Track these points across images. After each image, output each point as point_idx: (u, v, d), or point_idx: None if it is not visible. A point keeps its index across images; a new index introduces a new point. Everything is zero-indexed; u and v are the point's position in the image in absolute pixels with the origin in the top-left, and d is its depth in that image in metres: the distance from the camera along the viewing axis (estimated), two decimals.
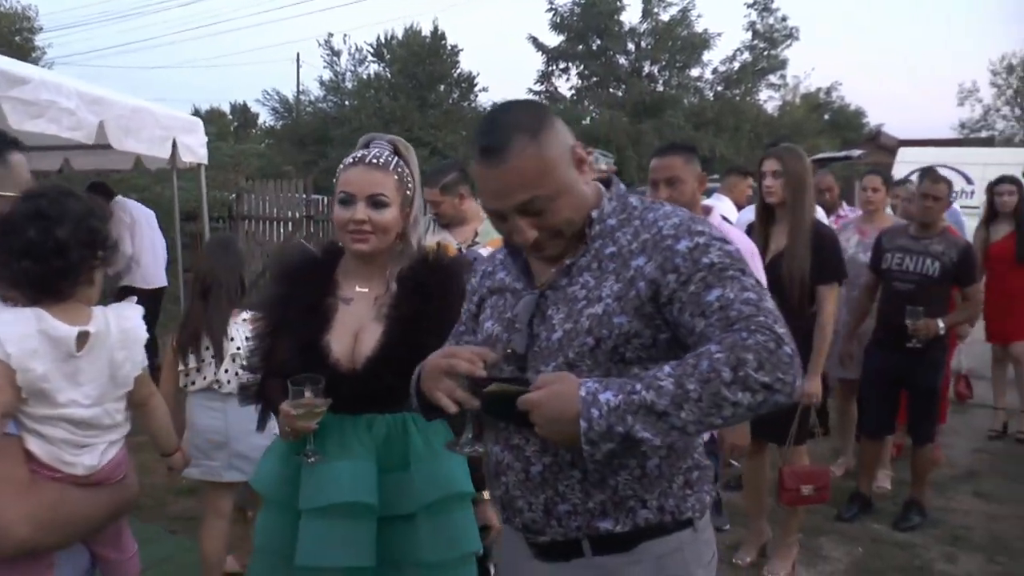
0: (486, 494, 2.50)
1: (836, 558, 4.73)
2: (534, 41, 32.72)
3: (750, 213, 5.61)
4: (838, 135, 33.05)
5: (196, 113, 36.91)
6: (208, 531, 3.89)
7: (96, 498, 1.82)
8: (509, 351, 1.87)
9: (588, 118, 30.72)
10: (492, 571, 2.94)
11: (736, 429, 3.51)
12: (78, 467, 1.77)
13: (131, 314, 1.93)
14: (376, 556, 2.33)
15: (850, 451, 6.05)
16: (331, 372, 2.32)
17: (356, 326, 2.41)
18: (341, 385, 2.31)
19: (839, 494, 5.23)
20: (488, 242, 4.03)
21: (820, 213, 5.49)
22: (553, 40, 32.59)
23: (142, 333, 1.92)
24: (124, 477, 1.93)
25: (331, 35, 48.34)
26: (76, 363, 1.76)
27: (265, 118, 39.26)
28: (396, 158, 2.46)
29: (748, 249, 3.63)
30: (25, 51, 20.92)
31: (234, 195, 14.38)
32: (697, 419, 1.53)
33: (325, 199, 16.62)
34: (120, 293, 8.33)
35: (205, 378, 3.74)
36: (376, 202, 2.37)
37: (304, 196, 13.48)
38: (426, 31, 35.91)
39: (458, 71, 36.66)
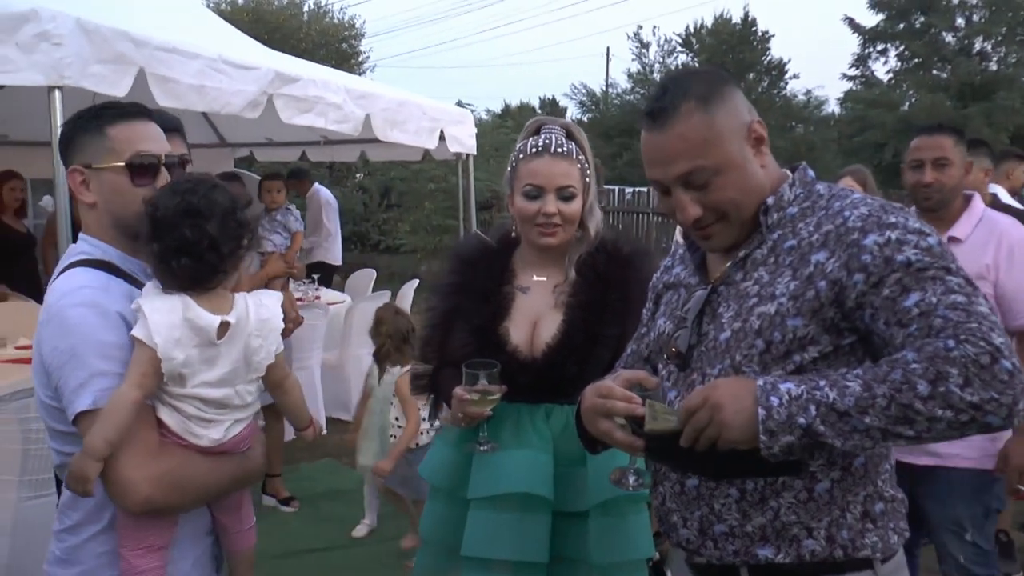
0: None
1: None
2: (850, 22, 30.94)
3: None
4: None
5: (506, 109, 38.61)
6: None
7: (218, 466, 1.92)
8: (674, 350, 1.76)
9: (906, 103, 28.57)
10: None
11: (1021, 447, 2.95)
12: (204, 439, 1.87)
13: (270, 303, 1.98)
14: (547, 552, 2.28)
15: None
16: (510, 360, 2.31)
17: (535, 315, 2.39)
18: (520, 374, 2.30)
19: None
20: None
21: None
22: (871, 20, 30.69)
23: (279, 323, 1.97)
24: (248, 449, 2.01)
25: (640, 27, 48.80)
26: (215, 350, 1.85)
27: (573, 112, 40.12)
28: (573, 144, 2.41)
29: (1019, 240, 3.08)
30: (350, 56, 22.87)
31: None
32: (883, 427, 1.38)
33: (617, 189, 16.80)
34: (313, 267, 9.30)
35: None
36: (565, 194, 2.33)
37: (597, 187, 13.54)
38: (736, 18, 35.21)
39: (768, 58, 35.60)
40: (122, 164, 1.91)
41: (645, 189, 14.60)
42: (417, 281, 8.52)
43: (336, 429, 6.44)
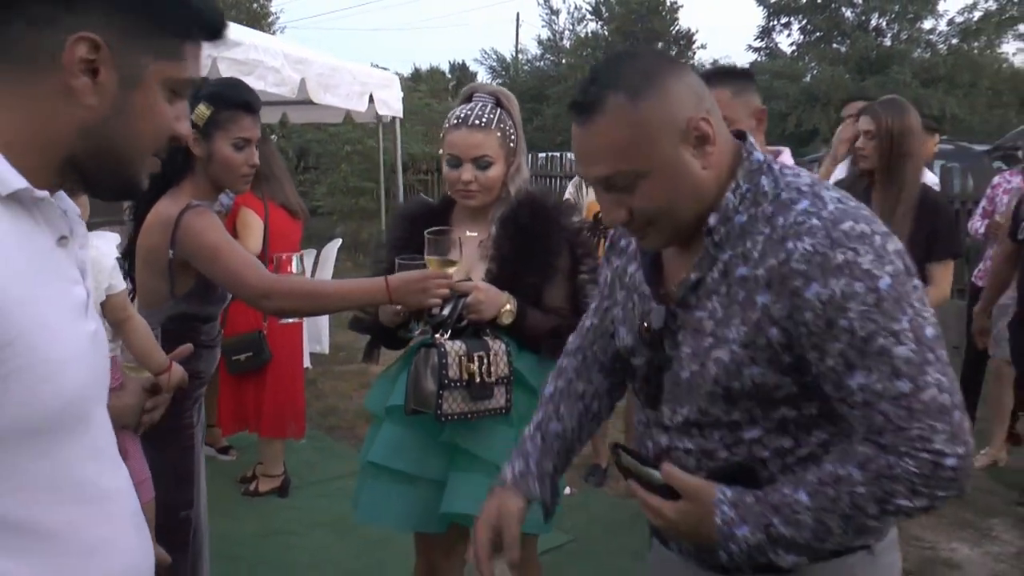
0: None
1: (1007, 540, 4.48)
2: None
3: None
4: None
5: (416, 72, 38.31)
6: None
7: None
8: (646, 325, 1.63)
9: (808, 75, 29.54)
10: None
11: None
12: None
13: (100, 244, 1.94)
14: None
15: (999, 441, 5.43)
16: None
17: (467, 267, 2.59)
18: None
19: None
20: None
21: (930, 178, 4.76)
22: None
23: (108, 261, 1.96)
24: (117, 388, 1.83)
25: None
26: None
27: (483, 77, 40.13)
28: (499, 112, 2.58)
29: None
30: (261, 16, 22.55)
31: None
32: (846, 543, 1.45)
33: (528, 155, 17.09)
34: None
35: None
36: (481, 163, 2.52)
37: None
38: None
39: (676, 28, 36.21)
40: None
41: (558, 154, 14.86)
42: (340, 240, 8.65)
43: None
